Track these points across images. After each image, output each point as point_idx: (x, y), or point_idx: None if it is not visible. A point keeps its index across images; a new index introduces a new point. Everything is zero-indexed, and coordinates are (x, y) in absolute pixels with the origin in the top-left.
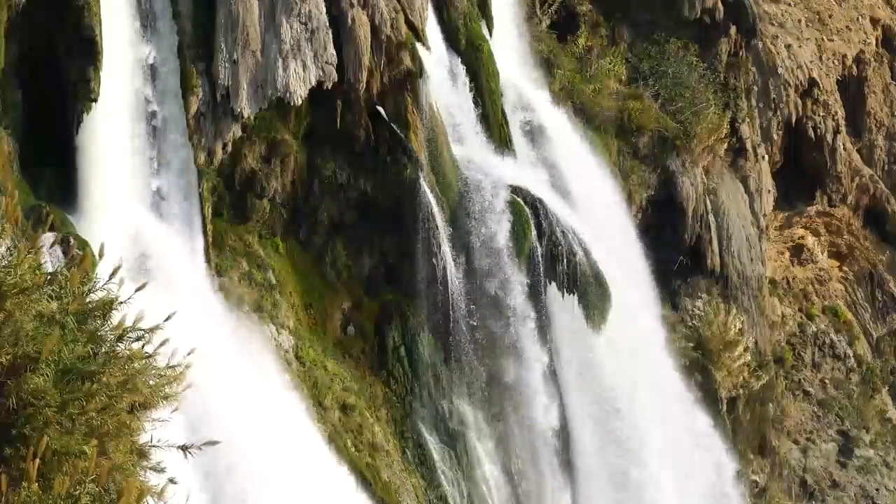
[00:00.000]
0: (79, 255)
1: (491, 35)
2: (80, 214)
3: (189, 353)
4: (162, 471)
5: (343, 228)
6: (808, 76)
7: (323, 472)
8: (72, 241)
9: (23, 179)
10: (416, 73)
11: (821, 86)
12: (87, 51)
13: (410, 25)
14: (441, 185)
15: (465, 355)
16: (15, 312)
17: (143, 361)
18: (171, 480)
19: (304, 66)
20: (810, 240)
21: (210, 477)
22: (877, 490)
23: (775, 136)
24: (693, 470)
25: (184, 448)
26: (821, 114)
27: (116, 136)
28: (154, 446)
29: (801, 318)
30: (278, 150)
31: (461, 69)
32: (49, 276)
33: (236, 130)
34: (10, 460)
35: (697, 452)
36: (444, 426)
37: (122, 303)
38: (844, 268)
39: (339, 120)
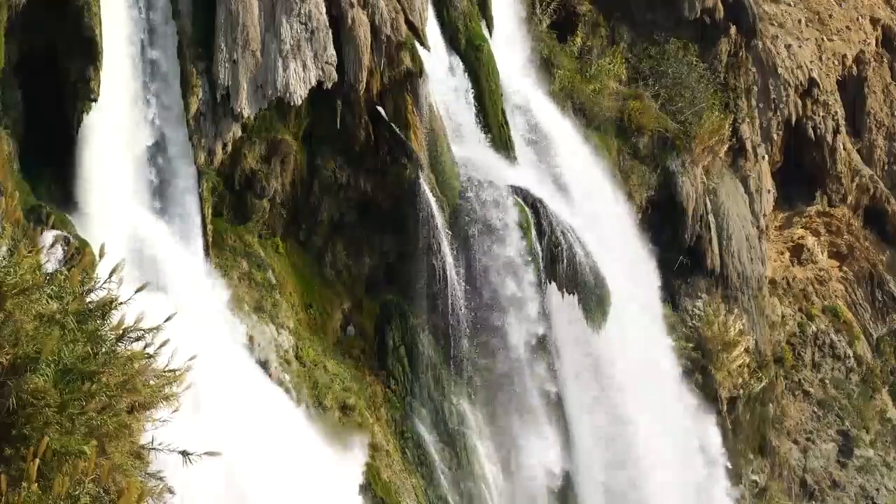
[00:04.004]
0: (79, 255)
1: (491, 35)
2: (80, 214)
3: (191, 359)
4: (161, 479)
5: (343, 228)
6: (808, 76)
7: (325, 473)
8: (72, 241)
9: (23, 179)
10: (416, 73)
11: (821, 86)
12: (87, 51)
13: (410, 25)
14: (441, 185)
15: (465, 355)
16: (15, 312)
17: (143, 362)
18: (170, 490)
19: (304, 66)
20: (810, 240)
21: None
22: (877, 490)
23: (775, 136)
24: (693, 469)
25: (184, 454)
26: (821, 114)
27: (116, 136)
28: (154, 449)
29: (801, 318)
30: (278, 150)
31: (461, 69)
32: (49, 276)
33: (236, 130)
34: (10, 460)
35: (697, 452)
36: (444, 426)
37: (122, 303)
38: (844, 268)
39: (339, 120)
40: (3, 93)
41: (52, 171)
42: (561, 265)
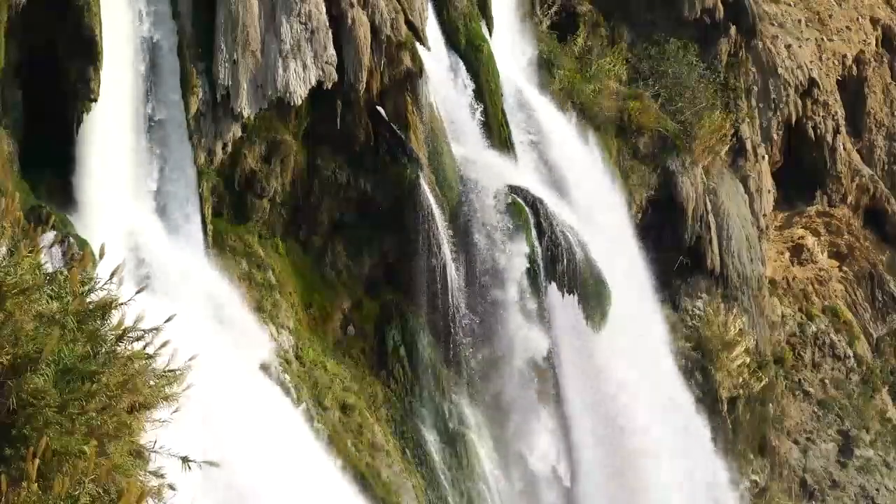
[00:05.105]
0: (79, 255)
1: (491, 35)
2: (80, 214)
3: (191, 359)
4: (162, 476)
5: (343, 228)
6: (808, 76)
7: (323, 478)
8: (72, 241)
9: (23, 179)
10: (416, 73)
11: (821, 86)
12: (87, 51)
13: (410, 25)
14: (441, 185)
15: (465, 355)
16: (15, 312)
17: (143, 362)
18: (171, 487)
19: (304, 66)
20: (810, 240)
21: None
22: (877, 490)
23: (775, 136)
24: (693, 469)
25: (185, 459)
26: (821, 114)
27: (116, 136)
28: (154, 452)
29: (801, 318)
30: (278, 150)
31: (461, 69)
32: (49, 276)
33: (236, 130)
34: (10, 460)
35: (697, 451)
36: (444, 426)
37: (122, 304)
38: (844, 268)
39: (339, 120)
40: (4, 93)
41: (52, 171)
42: (561, 265)
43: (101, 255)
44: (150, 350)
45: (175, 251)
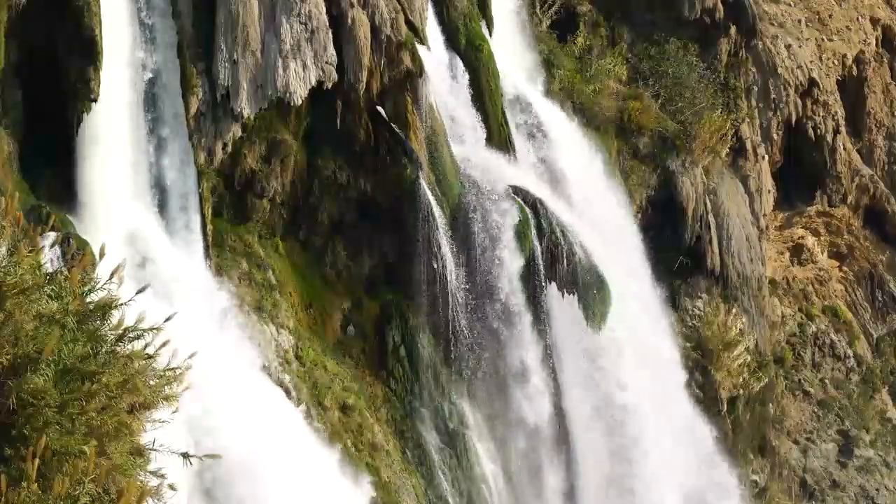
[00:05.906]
0: (79, 255)
1: (491, 35)
2: (80, 214)
3: (190, 357)
4: (162, 476)
5: (343, 228)
6: (808, 76)
7: (324, 476)
8: (72, 241)
9: (23, 179)
10: (416, 73)
11: (821, 86)
12: (87, 51)
13: (410, 25)
14: (441, 185)
15: (465, 355)
16: (15, 312)
17: (143, 362)
18: (171, 487)
19: (304, 66)
20: (810, 240)
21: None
22: (877, 490)
23: (775, 136)
24: (692, 468)
25: (185, 455)
26: (821, 114)
27: (116, 136)
28: (154, 450)
29: (801, 318)
30: (278, 150)
31: (461, 69)
32: (49, 276)
33: (236, 130)
34: (10, 460)
35: (695, 451)
36: (444, 426)
37: (122, 304)
38: (844, 268)
39: (339, 120)
40: (4, 93)
41: (52, 171)
42: (561, 265)
43: (101, 256)
44: (150, 350)
45: (175, 251)
